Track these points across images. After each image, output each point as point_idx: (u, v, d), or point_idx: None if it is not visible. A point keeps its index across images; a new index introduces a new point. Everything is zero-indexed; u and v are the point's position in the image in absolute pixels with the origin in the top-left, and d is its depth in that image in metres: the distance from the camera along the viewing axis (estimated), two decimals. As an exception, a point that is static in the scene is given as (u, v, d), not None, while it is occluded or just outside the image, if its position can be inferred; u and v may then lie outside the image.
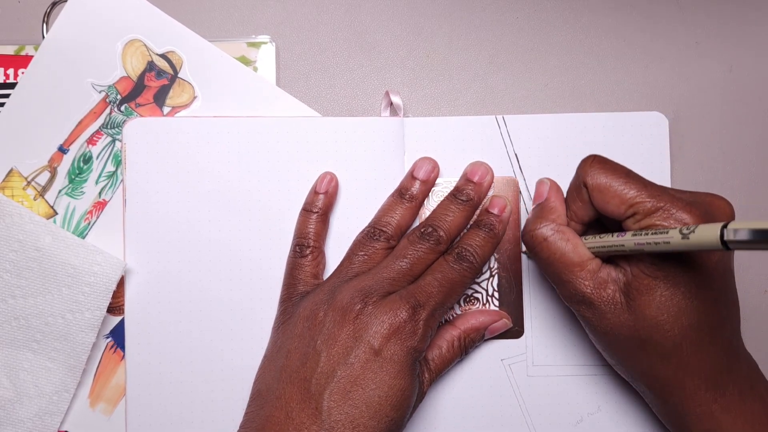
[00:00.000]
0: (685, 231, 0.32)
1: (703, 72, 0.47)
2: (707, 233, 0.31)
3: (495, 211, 0.41)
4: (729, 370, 0.36)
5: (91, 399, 0.43)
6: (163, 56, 0.45)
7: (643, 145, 0.45)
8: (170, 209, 0.43)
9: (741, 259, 0.46)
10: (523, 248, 0.44)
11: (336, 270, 0.41)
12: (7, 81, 0.44)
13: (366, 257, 0.40)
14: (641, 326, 0.36)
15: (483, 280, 0.44)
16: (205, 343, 0.43)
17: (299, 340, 0.38)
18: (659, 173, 0.45)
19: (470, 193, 0.41)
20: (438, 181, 0.44)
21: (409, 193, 0.42)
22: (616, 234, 0.36)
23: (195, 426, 0.43)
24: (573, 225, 0.39)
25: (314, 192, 0.43)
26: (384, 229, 0.41)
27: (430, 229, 0.40)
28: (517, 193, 0.44)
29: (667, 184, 0.45)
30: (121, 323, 0.43)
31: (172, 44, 0.45)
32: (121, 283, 0.43)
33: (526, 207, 0.44)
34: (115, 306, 0.43)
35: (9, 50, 0.44)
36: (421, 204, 0.42)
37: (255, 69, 0.45)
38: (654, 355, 0.36)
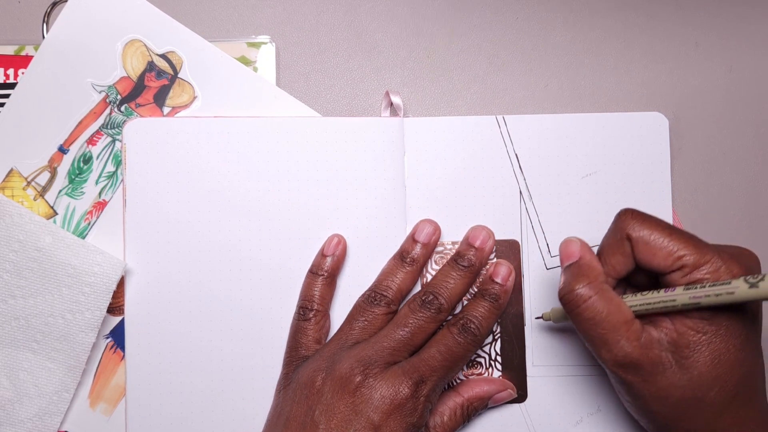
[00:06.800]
0: (752, 280, 0.32)
1: (703, 72, 0.47)
2: None
3: (499, 279, 0.41)
4: None
5: (91, 399, 0.43)
6: (163, 56, 0.45)
7: (643, 145, 0.45)
8: (170, 209, 0.43)
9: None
10: (537, 315, 0.44)
11: (336, 335, 0.41)
12: (7, 81, 0.44)
13: (366, 323, 0.40)
14: (697, 384, 0.34)
15: (486, 344, 0.44)
16: (205, 343, 0.43)
17: (298, 408, 0.38)
18: (659, 173, 0.45)
19: (472, 258, 0.41)
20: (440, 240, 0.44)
21: (410, 257, 0.42)
22: (662, 290, 0.35)
23: (195, 426, 0.43)
24: (609, 281, 0.38)
25: (322, 254, 0.43)
26: (385, 293, 0.40)
27: (431, 297, 0.39)
28: (519, 256, 0.44)
29: (668, 184, 0.45)
30: (121, 323, 0.43)
31: (172, 44, 0.45)
32: (121, 283, 0.43)
33: (529, 215, 0.44)
34: (115, 306, 0.43)
35: (9, 50, 0.44)
36: (422, 267, 0.42)
37: (255, 69, 0.45)
38: (709, 412, 0.35)
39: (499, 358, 0.44)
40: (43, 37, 0.45)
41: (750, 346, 0.35)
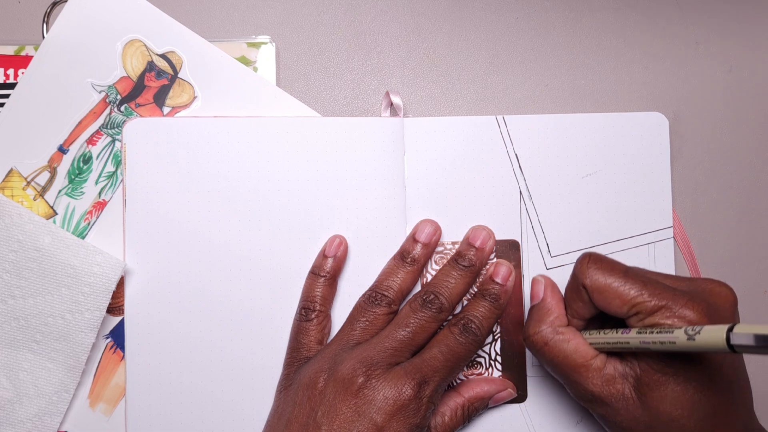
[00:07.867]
0: (690, 332, 0.32)
1: (703, 72, 0.47)
2: (713, 336, 0.30)
3: (499, 279, 0.41)
4: None
5: (91, 399, 0.43)
6: (163, 56, 0.45)
7: (643, 145, 0.45)
8: (170, 209, 0.43)
9: (740, 258, 0.46)
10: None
11: (337, 335, 0.41)
12: (7, 81, 0.44)
13: (367, 323, 0.40)
14: (657, 422, 0.35)
15: (486, 344, 0.44)
16: (205, 343, 0.43)
17: (300, 409, 0.37)
18: (659, 173, 0.45)
19: (472, 258, 0.41)
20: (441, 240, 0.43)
21: (411, 257, 0.42)
22: (620, 330, 0.36)
23: (195, 426, 0.43)
24: (574, 322, 0.39)
25: (323, 255, 0.43)
26: (385, 293, 0.40)
27: (432, 296, 0.40)
28: (519, 256, 0.44)
29: (668, 184, 0.45)
30: (121, 323, 0.43)
31: (172, 44, 0.45)
32: (120, 284, 0.43)
33: (529, 215, 0.44)
34: (115, 306, 0.43)
35: (9, 50, 0.44)
36: (422, 267, 0.42)
37: (255, 69, 0.45)
38: None
39: (499, 358, 0.44)
40: (43, 37, 0.45)
41: (714, 387, 0.35)
